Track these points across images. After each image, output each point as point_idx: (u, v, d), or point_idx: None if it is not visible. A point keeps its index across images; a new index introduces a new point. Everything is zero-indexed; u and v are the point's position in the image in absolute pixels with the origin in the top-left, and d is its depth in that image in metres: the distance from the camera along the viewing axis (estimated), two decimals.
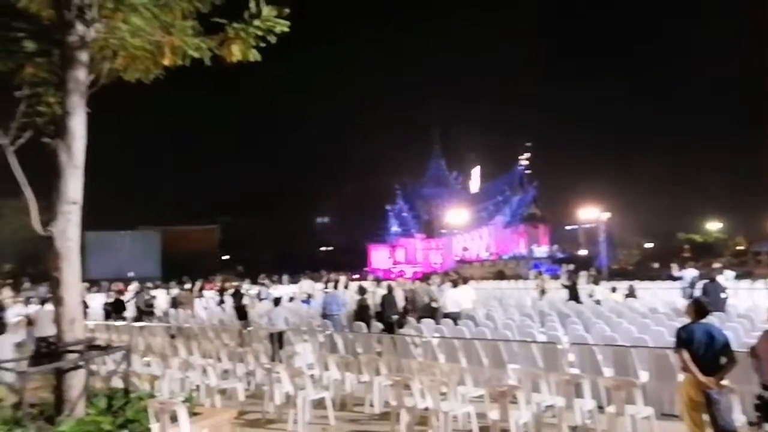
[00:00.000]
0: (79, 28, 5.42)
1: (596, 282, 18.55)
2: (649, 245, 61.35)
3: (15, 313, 17.12)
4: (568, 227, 57.44)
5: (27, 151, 5.78)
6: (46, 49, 5.96)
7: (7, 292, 27.17)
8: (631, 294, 16.13)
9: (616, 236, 51.77)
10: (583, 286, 17.65)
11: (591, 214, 46.39)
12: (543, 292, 19.04)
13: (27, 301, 20.73)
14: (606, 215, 44.61)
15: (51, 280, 5.26)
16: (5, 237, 48.04)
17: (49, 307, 8.91)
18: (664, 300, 15.78)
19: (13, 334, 10.95)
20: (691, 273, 15.75)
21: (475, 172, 70.23)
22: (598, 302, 14.77)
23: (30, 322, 13.10)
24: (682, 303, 12.33)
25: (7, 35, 5.79)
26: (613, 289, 16.31)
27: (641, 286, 20.68)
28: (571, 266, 27.15)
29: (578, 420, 6.39)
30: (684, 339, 5.41)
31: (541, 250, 49.11)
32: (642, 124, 73.05)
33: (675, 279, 17.28)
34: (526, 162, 59.18)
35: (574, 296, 15.50)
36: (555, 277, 27.58)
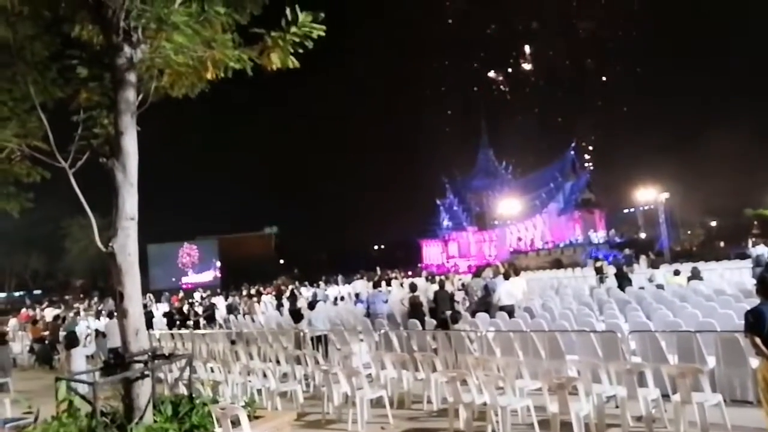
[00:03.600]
0: (127, 50, 5.64)
1: (655, 266, 17.83)
2: (714, 224, 58.68)
3: (85, 326, 18.08)
4: (625, 210, 55.64)
5: (87, 172, 6.09)
6: (97, 73, 6.25)
7: (80, 307, 28.62)
8: (695, 276, 15.17)
9: (677, 216, 49.76)
10: (643, 270, 17.05)
11: (648, 195, 44.74)
12: (601, 279, 18.54)
13: (98, 315, 21.87)
14: (664, 195, 42.88)
15: (115, 293, 5.51)
16: (75, 254, 50.54)
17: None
18: (732, 281, 15.04)
19: (85, 347, 11.50)
20: (759, 250, 14.96)
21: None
22: (659, 287, 14.21)
23: (100, 334, 13.79)
24: (752, 283, 11.75)
25: (63, 63, 6.13)
26: (676, 272, 15.45)
27: (707, 267, 19.72)
28: (627, 251, 26.30)
29: (642, 410, 6.20)
30: (751, 322, 5.17)
31: (598, 236, 47.65)
32: (697, 97, 69.37)
33: (747, 257, 16.33)
34: (587, 154, 57.74)
35: (620, 284, 14.82)
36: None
